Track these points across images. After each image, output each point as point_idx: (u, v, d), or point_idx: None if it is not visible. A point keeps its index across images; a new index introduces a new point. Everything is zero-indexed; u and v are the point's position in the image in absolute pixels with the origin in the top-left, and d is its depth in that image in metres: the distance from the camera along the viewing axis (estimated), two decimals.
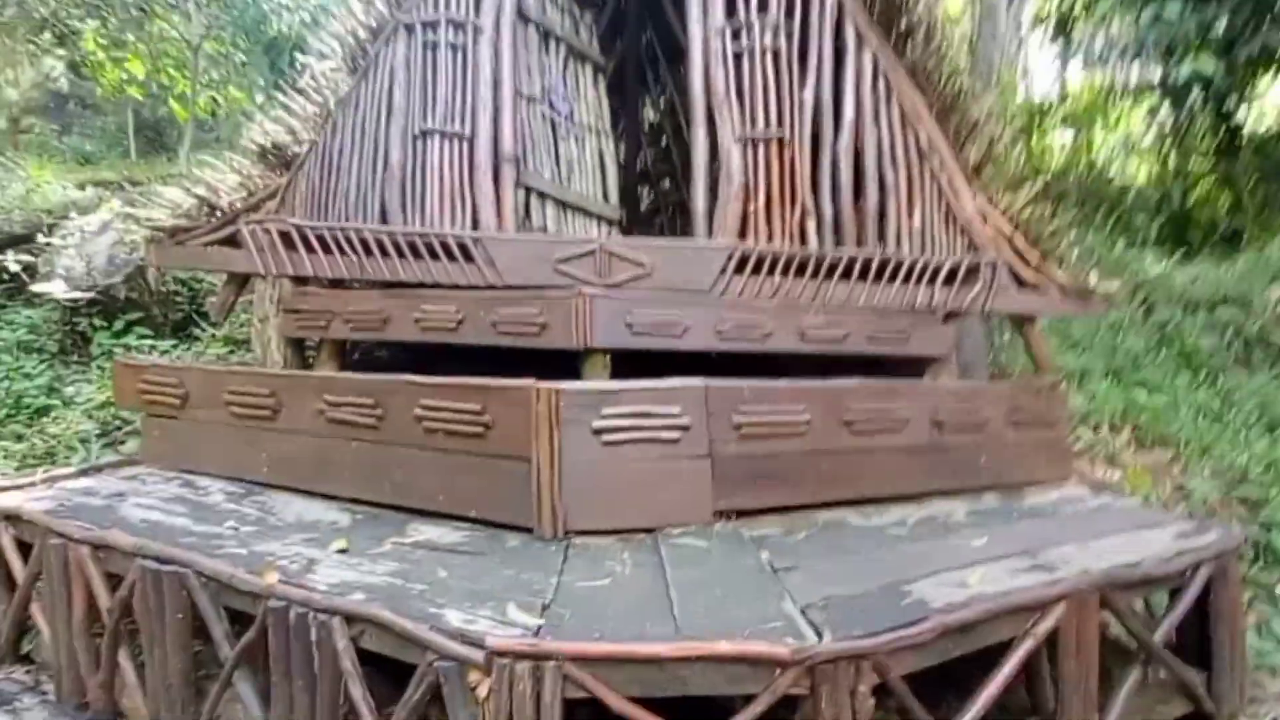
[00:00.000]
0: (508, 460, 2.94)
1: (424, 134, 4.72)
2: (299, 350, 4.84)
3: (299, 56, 12.99)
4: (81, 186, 7.99)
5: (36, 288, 5.41)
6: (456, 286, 4.28)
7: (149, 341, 6.11)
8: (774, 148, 4.57)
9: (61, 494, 3.56)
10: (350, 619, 2.17)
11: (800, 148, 4.56)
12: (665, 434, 2.99)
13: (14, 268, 6.05)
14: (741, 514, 3.20)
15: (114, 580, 2.84)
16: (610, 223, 5.70)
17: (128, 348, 5.88)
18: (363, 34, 4.89)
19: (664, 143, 7.89)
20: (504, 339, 3.90)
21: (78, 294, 5.32)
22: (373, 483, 3.32)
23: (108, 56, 12.31)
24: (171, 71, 12.97)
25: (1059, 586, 2.62)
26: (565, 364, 3.75)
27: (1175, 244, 9.48)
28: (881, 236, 4.58)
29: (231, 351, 6.00)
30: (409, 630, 2.05)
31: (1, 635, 3.50)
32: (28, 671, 3.53)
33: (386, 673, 2.27)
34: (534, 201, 5.04)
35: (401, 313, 4.28)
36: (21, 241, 6.16)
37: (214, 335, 6.33)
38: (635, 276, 3.98)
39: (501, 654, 1.90)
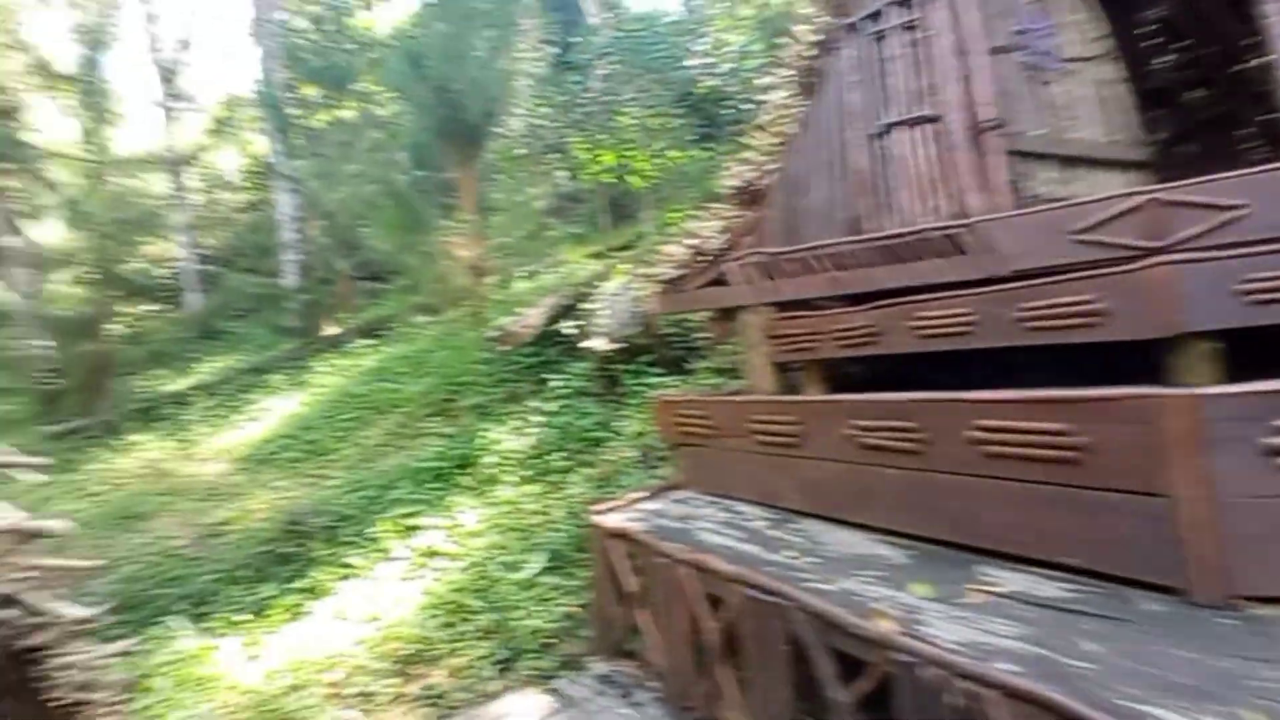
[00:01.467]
0: (1120, 495, 2.17)
1: (886, 129, 4.25)
2: (783, 374, 4.73)
3: (719, 108, 13.81)
4: (588, 259, 9.48)
5: (584, 345, 6.46)
6: (951, 285, 3.64)
7: (658, 379, 6.77)
8: None
9: (643, 514, 3.91)
10: (1012, 695, 1.71)
11: None
12: None
13: (568, 331, 7.35)
14: None
15: (713, 600, 2.90)
16: (1132, 166, 4.39)
17: (646, 386, 6.60)
18: (810, 52, 4.65)
19: (1181, 47, 5.95)
20: (1037, 337, 3.09)
21: (610, 346, 6.19)
22: (919, 515, 2.85)
23: (590, 156, 14.62)
24: (628, 152, 14.88)
25: None
26: (1123, 363, 2.75)
27: None
28: None
29: (723, 381, 6.29)
30: None
31: (616, 635, 3.95)
32: (637, 667, 3.95)
33: None
34: (1027, 166, 4.12)
35: (894, 324, 3.78)
36: (570, 310, 7.51)
37: (704, 367, 6.75)
38: (1217, 227, 2.81)
39: None
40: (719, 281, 4.80)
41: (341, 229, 14.18)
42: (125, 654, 3.16)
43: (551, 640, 4.50)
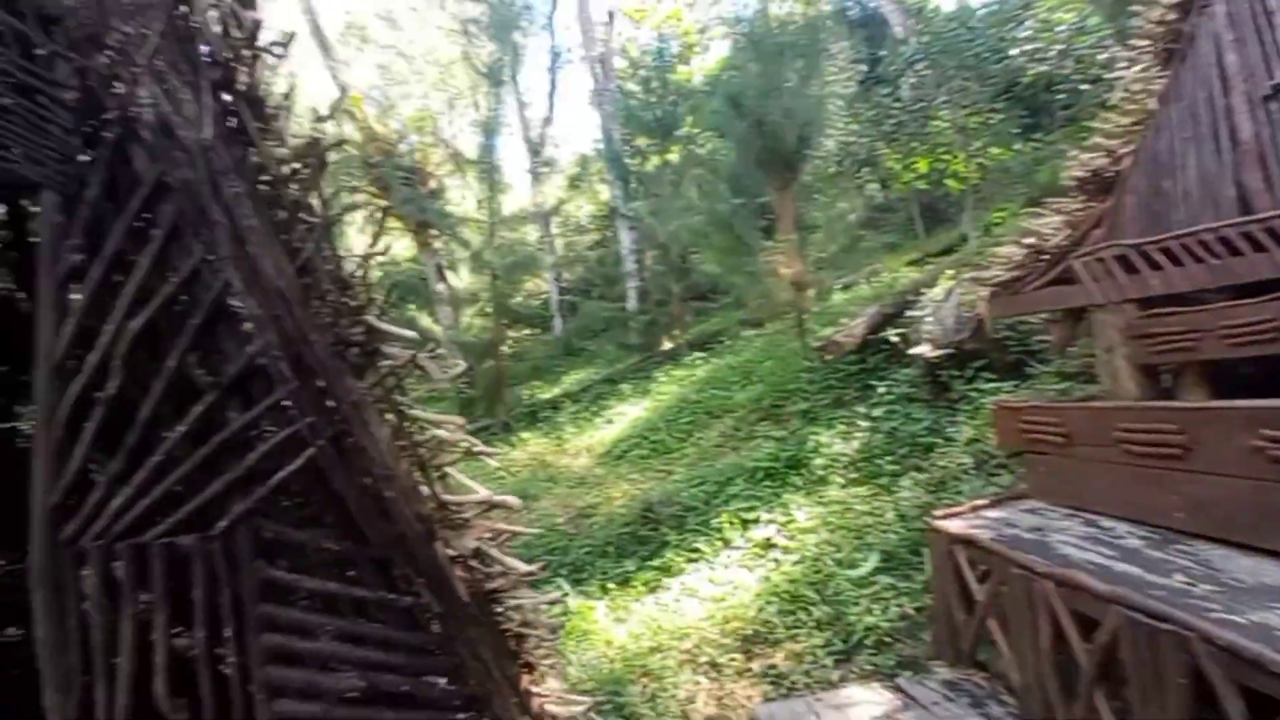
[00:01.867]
0: None
1: None
2: (1153, 377, 4.11)
3: (1049, 95, 12.17)
4: (906, 267, 9.15)
5: (910, 351, 6.31)
6: None
7: (992, 384, 6.30)
8: None
9: (989, 522, 3.77)
10: None
11: None
12: None
13: (893, 338, 7.26)
14: None
15: (1081, 619, 2.73)
16: None
17: (980, 391, 6.19)
18: (1172, 16, 4.06)
19: None
20: None
21: (938, 352, 5.95)
22: None
23: (902, 165, 14.03)
24: (943, 156, 13.88)
25: None
26: None
27: None
28: None
29: (1069, 386, 5.64)
30: None
31: (961, 642, 3.86)
32: (985, 678, 3.79)
33: None
34: None
35: None
36: (895, 318, 7.41)
37: (1047, 371, 6.10)
38: None
39: None
40: (1063, 280, 4.40)
41: (674, 257, 15.72)
42: (553, 603, 4.04)
43: (888, 639, 4.53)
